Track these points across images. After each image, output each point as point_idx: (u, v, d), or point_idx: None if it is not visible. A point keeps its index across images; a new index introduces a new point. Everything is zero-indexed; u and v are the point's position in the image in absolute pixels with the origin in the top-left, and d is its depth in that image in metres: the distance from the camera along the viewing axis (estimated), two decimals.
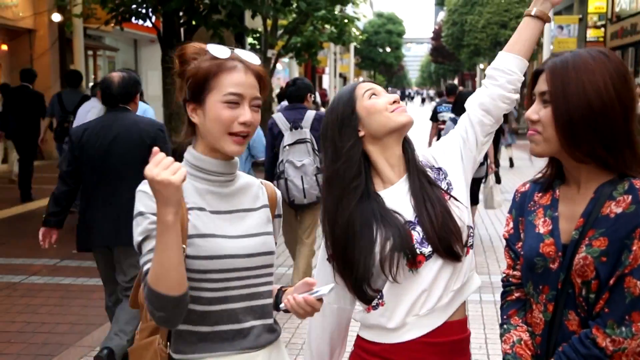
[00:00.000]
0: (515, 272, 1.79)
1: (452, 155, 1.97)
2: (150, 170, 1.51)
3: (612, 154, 1.60)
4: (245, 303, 1.78)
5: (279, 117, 5.39)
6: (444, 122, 8.92)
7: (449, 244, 1.81)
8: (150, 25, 9.69)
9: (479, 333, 4.85)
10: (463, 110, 2.08)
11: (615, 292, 1.54)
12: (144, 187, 1.69)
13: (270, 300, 1.86)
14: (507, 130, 13.70)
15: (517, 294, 1.79)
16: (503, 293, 1.84)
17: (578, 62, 1.61)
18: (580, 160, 1.63)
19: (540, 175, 1.81)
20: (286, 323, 4.77)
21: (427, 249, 1.81)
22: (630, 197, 1.57)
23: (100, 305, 5.35)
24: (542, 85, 1.66)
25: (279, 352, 1.87)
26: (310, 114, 5.36)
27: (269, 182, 1.96)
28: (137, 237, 1.68)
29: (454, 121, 7.33)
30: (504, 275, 1.85)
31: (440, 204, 1.85)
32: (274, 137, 5.33)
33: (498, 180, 9.80)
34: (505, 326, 1.78)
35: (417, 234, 1.83)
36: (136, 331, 1.88)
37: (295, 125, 5.26)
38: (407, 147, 1.94)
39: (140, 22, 10.07)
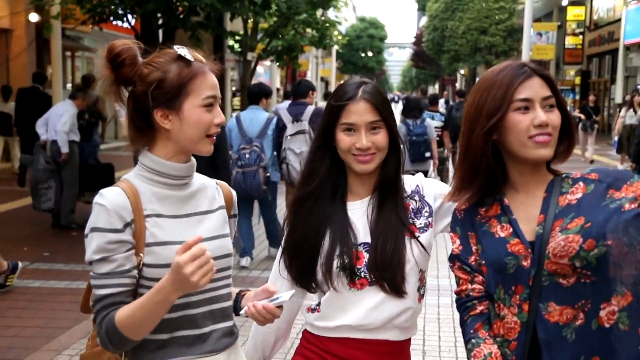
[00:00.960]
0: (474, 286, 1.77)
1: (442, 212, 1.95)
2: (185, 264, 1.50)
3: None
4: (206, 308, 1.76)
5: (283, 112, 6.48)
6: None
7: (393, 277, 1.85)
8: (128, 26, 9.62)
9: (449, 336, 4.86)
10: (411, 113, 2.12)
11: None
12: (102, 200, 1.65)
13: (229, 303, 1.84)
14: None
15: (480, 308, 1.76)
16: (465, 308, 1.80)
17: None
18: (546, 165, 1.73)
19: (467, 196, 1.79)
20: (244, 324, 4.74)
21: (371, 274, 1.87)
22: (581, 183, 1.69)
23: (69, 308, 5.30)
24: (541, 91, 1.68)
25: (237, 354, 1.86)
26: (310, 109, 6.48)
27: (224, 183, 1.94)
28: (91, 255, 1.64)
29: (405, 123, 8.14)
30: (460, 292, 1.80)
31: (395, 237, 1.87)
32: (280, 129, 6.39)
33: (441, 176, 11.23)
34: (473, 340, 1.75)
35: (368, 256, 1.87)
36: (88, 337, 1.85)
37: (296, 118, 6.38)
38: (385, 169, 1.92)
39: (119, 23, 10.00)
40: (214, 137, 1.75)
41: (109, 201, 1.65)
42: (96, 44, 20.27)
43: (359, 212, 1.92)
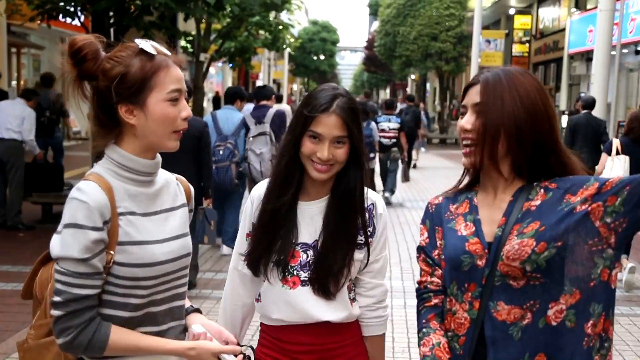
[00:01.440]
0: (433, 279, 1.85)
1: (378, 235, 2.06)
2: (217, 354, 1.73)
3: (541, 162, 1.75)
4: (166, 306, 1.78)
5: (247, 115, 7.10)
6: (382, 130, 11.03)
7: (326, 281, 1.96)
8: (78, 24, 9.44)
9: (402, 337, 4.95)
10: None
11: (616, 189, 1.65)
12: (82, 196, 1.62)
13: (184, 302, 1.86)
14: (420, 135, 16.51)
15: (435, 300, 1.85)
16: (421, 299, 1.89)
17: (509, 76, 1.74)
18: (499, 171, 1.75)
19: (452, 188, 1.92)
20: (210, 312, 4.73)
21: (305, 274, 1.98)
22: (542, 190, 1.74)
23: (17, 311, 5.19)
24: (474, 96, 1.75)
25: None
26: (271, 112, 7.07)
27: (182, 178, 1.94)
28: (72, 252, 1.60)
29: None
30: (420, 282, 1.90)
31: (339, 244, 1.96)
32: (247, 130, 7.01)
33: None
34: (424, 330, 1.83)
35: (305, 256, 1.98)
36: (30, 325, 1.80)
37: (258, 120, 6.97)
38: (343, 177, 1.98)
39: (69, 20, 9.79)
40: (181, 133, 1.73)
41: (91, 198, 1.62)
42: (43, 41, 19.79)
43: (308, 213, 2.01)
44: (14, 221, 8.04)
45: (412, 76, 36.35)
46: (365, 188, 2.04)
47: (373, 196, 2.07)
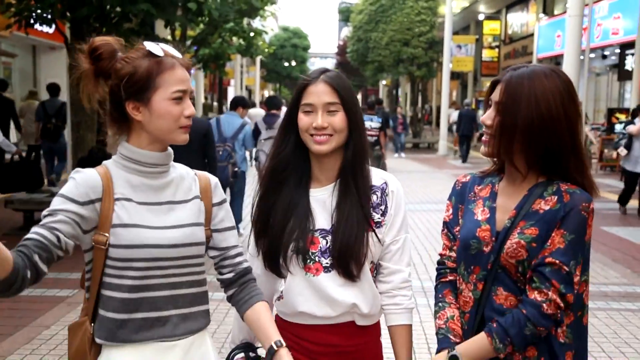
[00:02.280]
0: (451, 254, 2.01)
1: (393, 214, 2.04)
2: None
3: (556, 162, 1.85)
4: (167, 292, 1.83)
5: (260, 121, 8.42)
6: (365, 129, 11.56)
7: (349, 264, 1.95)
8: (51, 31, 9.42)
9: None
10: None
11: (538, 268, 1.79)
12: (76, 175, 1.78)
13: (195, 290, 1.89)
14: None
15: (450, 277, 2.00)
16: (438, 275, 2.05)
17: (533, 77, 1.81)
18: (516, 168, 1.88)
19: (483, 170, 2.04)
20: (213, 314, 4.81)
21: (327, 260, 1.97)
22: (556, 197, 1.83)
23: (8, 315, 5.21)
24: (497, 95, 1.87)
25: (201, 342, 1.91)
26: (280, 119, 8.46)
27: (203, 173, 2.01)
28: (47, 209, 1.73)
29: None
30: (441, 255, 2.05)
31: (356, 226, 1.96)
32: (258, 133, 8.27)
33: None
34: (440, 304, 1.99)
35: (324, 242, 1.98)
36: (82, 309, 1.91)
37: (269, 126, 8.16)
38: (346, 155, 2.00)
39: (45, 28, 9.76)
40: (188, 128, 1.85)
41: (82, 177, 1.78)
42: (14, 48, 19.58)
43: (321, 199, 2.01)
44: None
45: (384, 81, 36.65)
46: (376, 169, 2.07)
47: (384, 175, 2.07)
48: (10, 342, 4.64)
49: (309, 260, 1.98)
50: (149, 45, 1.81)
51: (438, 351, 1.90)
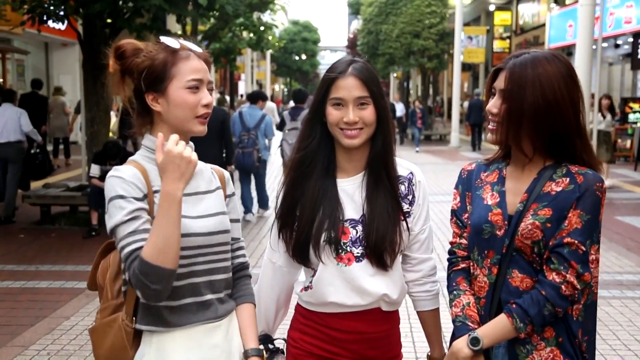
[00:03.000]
0: (462, 241, 2.04)
1: (420, 203, 2.06)
2: (172, 147, 1.73)
3: (563, 145, 1.89)
4: (206, 277, 1.91)
5: (286, 114, 9.68)
6: None
7: (382, 254, 1.95)
8: (63, 28, 9.50)
9: (404, 323, 5.10)
10: None
11: (557, 249, 1.83)
12: (118, 173, 1.81)
13: (226, 276, 1.97)
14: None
15: (462, 265, 2.03)
16: (450, 264, 2.07)
17: (536, 63, 1.85)
18: (523, 153, 1.91)
19: (488, 158, 2.08)
20: None
21: (358, 250, 1.97)
22: (568, 179, 1.87)
23: (28, 307, 5.30)
24: (501, 82, 1.90)
25: (233, 322, 2.00)
26: (304, 112, 8.52)
27: (217, 167, 2.08)
28: (121, 218, 1.75)
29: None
30: (451, 243, 2.08)
31: (388, 216, 1.97)
32: (283, 124, 9.52)
33: None
34: (455, 292, 2.00)
35: (354, 232, 1.98)
36: (97, 311, 1.97)
37: (293, 118, 9.29)
38: (374, 146, 2.00)
39: (57, 25, 9.83)
40: (205, 118, 1.89)
41: (126, 174, 1.81)
42: (27, 45, 19.72)
43: (349, 190, 2.01)
44: (7, 214, 8.69)
45: (395, 74, 36.58)
46: (400, 159, 2.06)
47: (409, 165, 2.08)
48: (32, 333, 4.72)
49: (341, 250, 1.97)
50: (165, 39, 1.89)
51: (456, 338, 1.91)
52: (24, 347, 4.45)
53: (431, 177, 13.58)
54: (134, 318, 1.87)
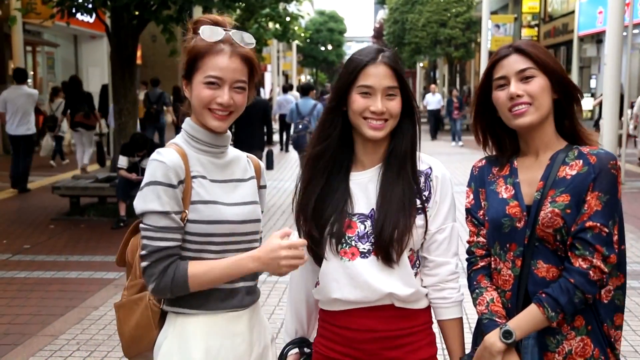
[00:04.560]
0: (479, 239, 2.00)
1: (438, 200, 1.96)
2: (282, 248, 1.76)
3: (566, 116, 1.94)
4: None
5: (321, 105, 10.69)
6: None
7: (389, 250, 1.86)
8: (92, 20, 9.60)
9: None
10: None
11: (579, 234, 1.81)
12: (161, 157, 1.82)
13: None
14: None
15: (482, 263, 1.99)
16: (469, 264, 2.03)
17: (535, 44, 1.92)
18: (545, 131, 1.91)
19: (494, 153, 2.06)
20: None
21: (364, 245, 1.89)
22: (581, 161, 1.86)
23: (58, 297, 5.39)
24: (515, 65, 1.89)
25: (258, 312, 2.03)
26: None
27: (253, 156, 2.10)
28: (150, 206, 1.79)
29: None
30: (469, 242, 2.04)
31: (400, 211, 1.88)
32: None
33: None
34: (477, 290, 1.97)
35: (362, 227, 1.90)
36: (124, 287, 2.00)
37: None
38: (397, 139, 1.93)
39: (86, 17, 9.94)
40: (219, 114, 1.87)
41: (168, 159, 1.82)
42: (56, 38, 19.99)
43: (363, 183, 1.94)
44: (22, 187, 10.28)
45: (421, 64, 36.31)
46: (420, 152, 1.97)
47: (429, 159, 1.97)
48: (62, 322, 4.80)
49: (344, 244, 1.90)
50: (207, 29, 1.87)
51: (485, 335, 1.87)
52: (53, 337, 4.53)
53: (457, 167, 13.48)
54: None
